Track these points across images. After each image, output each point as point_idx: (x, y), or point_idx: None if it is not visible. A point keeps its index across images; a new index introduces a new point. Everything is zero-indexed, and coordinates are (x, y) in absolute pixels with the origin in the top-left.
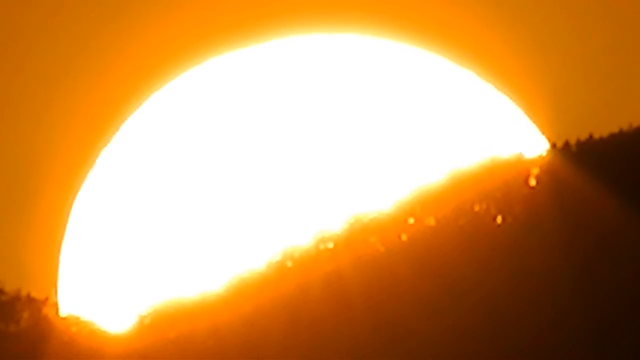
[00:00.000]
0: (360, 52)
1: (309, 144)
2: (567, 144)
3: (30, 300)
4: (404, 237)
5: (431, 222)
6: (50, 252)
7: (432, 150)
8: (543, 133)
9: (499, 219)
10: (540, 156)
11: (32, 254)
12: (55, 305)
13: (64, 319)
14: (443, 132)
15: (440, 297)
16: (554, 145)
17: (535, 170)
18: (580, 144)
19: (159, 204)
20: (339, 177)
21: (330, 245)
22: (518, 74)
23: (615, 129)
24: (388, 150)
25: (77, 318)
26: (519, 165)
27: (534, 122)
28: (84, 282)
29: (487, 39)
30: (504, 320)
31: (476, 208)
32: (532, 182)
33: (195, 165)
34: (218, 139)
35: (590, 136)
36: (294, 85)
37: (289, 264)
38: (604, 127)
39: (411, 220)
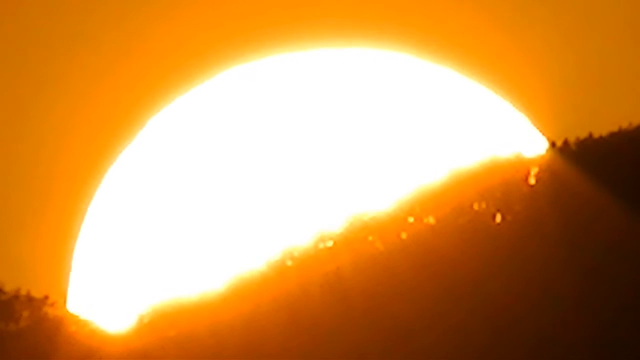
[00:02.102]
0: (360, 59)
1: (309, 144)
2: (566, 143)
3: (29, 299)
4: (403, 236)
5: (431, 220)
6: (51, 253)
7: (431, 149)
8: (543, 133)
9: (499, 218)
10: (539, 155)
11: (32, 254)
12: (55, 304)
13: (63, 318)
14: (442, 131)
15: (440, 296)
16: (553, 144)
17: (534, 169)
18: (579, 143)
19: (159, 204)
20: (339, 177)
21: (330, 244)
22: (517, 75)
23: (615, 128)
24: (388, 150)
25: (77, 317)
26: (519, 164)
27: (533, 122)
28: (84, 281)
29: (485, 40)
30: (505, 319)
31: (476, 207)
32: (532, 180)
33: (195, 166)
34: (217, 140)
35: (590, 135)
36: (292, 89)
37: (289, 263)
38: (603, 126)
39: (411, 219)
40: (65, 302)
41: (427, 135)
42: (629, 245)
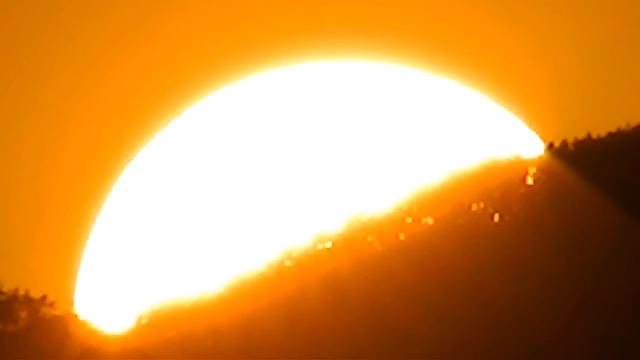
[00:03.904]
0: (358, 69)
1: (308, 145)
2: (565, 144)
3: (28, 300)
4: (402, 237)
5: (429, 221)
6: (55, 254)
7: (430, 151)
8: (540, 136)
9: (497, 218)
10: (538, 156)
11: (36, 255)
12: (53, 304)
13: (62, 318)
14: (441, 133)
15: (439, 297)
16: (551, 145)
17: (532, 170)
18: (578, 144)
19: (159, 205)
20: (338, 177)
21: (329, 245)
22: (513, 78)
23: (613, 129)
24: (386, 151)
25: (76, 317)
26: (517, 165)
27: (530, 125)
28: (83, 282)
29: (480, 46)
30: (504, 319)
31: (474, 207)
32: (530, 181)
33: (195, 167)
34: (217, 142)
35: (588, 136)
36: (292, 95)
37: (288, 264)
38: (602, 127)
39: (409, 220)
40: (71, 302)
41: (426, 136)
42: (628, 245)
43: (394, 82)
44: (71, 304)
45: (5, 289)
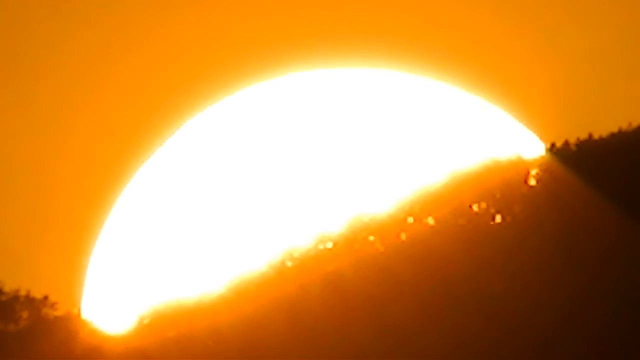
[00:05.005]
0: (363, 75)
1: (309, 146)
2: (566, 144)
3: (29, 300)
4: (403, 237)
5: (430, 221)
6: (57, 255)
7: (431, 151)
8: (540, 138)
9: (498, 219)
10: (539, 156)
11: (36, 255)
12: (54, 305)
13: (63, 318)
14: (442, 133)
15: (439, 296)
16: (553, 145)
17: (534, 170)
18: (579, 144)
19: (159, 206)
20: (339, 177)
21: (330, 245)
22: (517, 79)
23: (614, 129)
24: (388, 151)
25: (77, 317)
26: (518, 165)
27: (530, 128)
28: (84, 282)
29: (485, 46)
30: (504, 319)
31: (475, 208)
32: (531, 181)
33: (196, 168)
34: (219, 144)
35: (590, 136)
36: (296, 97)
37: (289, 264)
38: (603, 127)
39: (411, 220)
40: (74, 302)
41: (427, 137)
42: (628, 245)
43: (396, 86)
44: (74, 304)
45: (6, 289)
